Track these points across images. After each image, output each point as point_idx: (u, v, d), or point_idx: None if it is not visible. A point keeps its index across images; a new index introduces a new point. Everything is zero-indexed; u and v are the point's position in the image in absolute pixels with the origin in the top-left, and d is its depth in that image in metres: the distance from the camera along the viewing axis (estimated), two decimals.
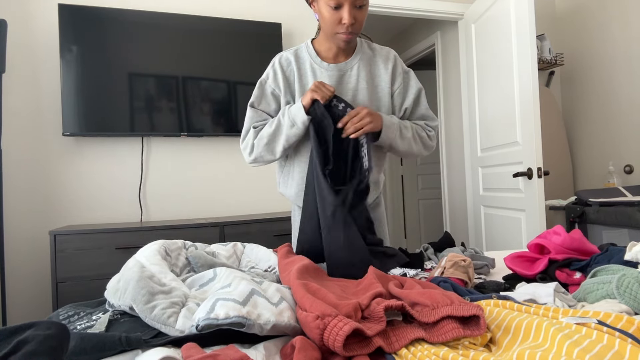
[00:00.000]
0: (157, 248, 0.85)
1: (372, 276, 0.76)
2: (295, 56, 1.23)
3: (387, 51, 1.28)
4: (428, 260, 1.23)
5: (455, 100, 3.38)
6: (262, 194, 2.61)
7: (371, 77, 1.24)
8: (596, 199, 2.18)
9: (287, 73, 1.22)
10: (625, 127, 2.72)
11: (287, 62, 1.23)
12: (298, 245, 1.13)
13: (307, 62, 1.22)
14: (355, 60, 1.23)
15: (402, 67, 1.28)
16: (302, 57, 1.23)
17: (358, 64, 1.23)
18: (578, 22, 3.04)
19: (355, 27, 1.11)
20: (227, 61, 2.44)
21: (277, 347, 0.60)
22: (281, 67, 1.22)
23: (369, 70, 1.25)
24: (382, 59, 1.26)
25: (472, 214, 3.09)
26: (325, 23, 1.12)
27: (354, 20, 1.09)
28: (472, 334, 0.56)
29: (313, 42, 1.25)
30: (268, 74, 1.25)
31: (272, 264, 0.98)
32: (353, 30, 1.11)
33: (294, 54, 1.24)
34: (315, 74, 1.22)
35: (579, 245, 0.93)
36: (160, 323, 0.62)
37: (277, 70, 1.22)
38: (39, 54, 2.20)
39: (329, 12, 1.09)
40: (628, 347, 0.46)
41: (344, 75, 1.22)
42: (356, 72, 1.23)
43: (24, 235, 2.15)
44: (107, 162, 2.31)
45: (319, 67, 1.22)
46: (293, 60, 1.22)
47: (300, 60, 1.23)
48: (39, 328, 0.46)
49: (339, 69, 1.22)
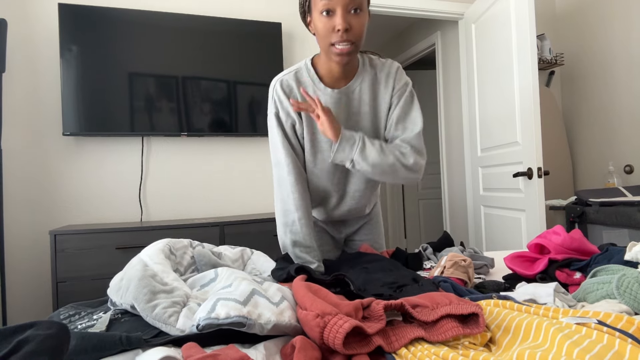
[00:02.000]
0: (162, 247, 0.85)
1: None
2: (296, 81, 1.14)
3: (389, 66, 1.18)
4: (427, 260, 1.23)
5: (455, 100, 3.38)
6: (262, 194, 2.61)
7: (374, 99, 1.17)
8: (596, 199, 2.18)
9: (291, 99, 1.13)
10: (625, 127, 2.72)
11: (288, 88, 1.13)
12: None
13: (310, 88, 1.14)
14: (357, 82, 1.15)
15: (401, 79, 1.18)
16: (304, 82, 1.14)
17: (360, 87, 1.15)
18: (578, 22, 3.04)
19: (351, 34, 1.00)
20: (227, 61, 2.44)
21: (277, 347, 0.60)
22: (284, 94, 1.13)
23: (372, 92, 1.16)
24: (384, 77, 1.17)
25: (472, 214, 3.09)
26: (320, 36, 1.03)
27: (348, 26, 0.98)
28: (471, 332, 0.56)
29: (314, 61, 1.16)
30: (276, 105, 1.14)
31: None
32: (349, 38, 1.00)
33: (295, 78, 1.14)
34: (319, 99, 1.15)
35: (579, 245, 0.93)
36: (161, 322, 0.62)
37: (282, 98, 1.13)
38: (39, 54, 2.20)
39: (322, 22, 1.00)
40: (628, 347, 0.46)
41: (347, 100, 1.15)
42: (358, 95, 1.15)
43: (24, 235, 2.15)
44: (107, 162, 2.31)
45: (322, 93, 1.13)
46: (295, 87, 1.13)
47: (302, 85, 1.14)
48: (39, 328, 0.46)
49: (341, 94, 1.14)
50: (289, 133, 1.14)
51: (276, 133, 1.14)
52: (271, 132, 1.16)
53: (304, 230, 1.12)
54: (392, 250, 1.20)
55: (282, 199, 1.14)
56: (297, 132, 1.16)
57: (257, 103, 2.50)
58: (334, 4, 0.98)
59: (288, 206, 1.12)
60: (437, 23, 3.59)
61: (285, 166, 1.13)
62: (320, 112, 1.05)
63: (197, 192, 2.47)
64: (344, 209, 1.29)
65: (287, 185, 1.12)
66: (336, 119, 1.10)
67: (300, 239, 1.11)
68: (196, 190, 2.47)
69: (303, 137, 1.16)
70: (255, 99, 2.50)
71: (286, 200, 1.13)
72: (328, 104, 1.14)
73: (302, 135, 1.16)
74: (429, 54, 3.96)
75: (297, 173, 1.13)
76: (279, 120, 1.14)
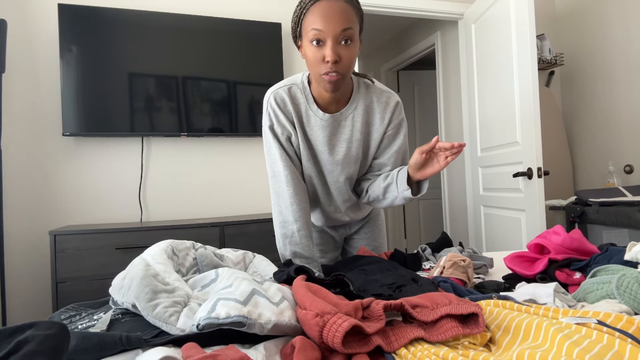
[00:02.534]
0: (164, 247, 0.86)
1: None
2: (290, 96, 1.12)
3: (387, 98, 1.16)
4: (426, 261, 1.23)
5: (455, 100, 3.38)
6: (262, 194, 2.61)
7: (366, 126, 1.16)
8: (596, 199, 2.18)
9: (285, 112, 1.12)
10: (625, 127, 2.72)
11: (282, 102, 1.12)
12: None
13: (303, 106, 1.12)
14: (350, 109, 1.13)
15: (399, 116, 1.18)
16: (298, 99, 1.12)
17: (353, 114, 1.13)
18: (578, 22, 3.04)
19: (340, 66, 0.98)
20: (227, 61, 2.44)
21: (277, 347, 0.60)
22: (278, 107, 1.11)
23: (365, 119, 1.15)
24: (381, 108, 1.15)
25: (472, 214, 3.09)
26: (310, 64, 1.01)
27: (337, 58, 0.96)
28: (471, 332, 0.56)
29: (310, 79, 1.13)
30: (270, 118, 1.13)
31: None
32: (337, 69, 0.97)
33: (288, 93, 1.12)
34: (310, 120, 1.13)
35: (579, 245, 0.93)
36: (162, 321, 0.62)
37: (277, 112, 1.12)
38: (39, 54, 2.20)
39: (312, 51, 0.98)
40: (628, 347, 0.46)
41: (338, 126, 1.14)
42: (351, 122, 1.14)
43: (24, 235, 2.15)
44: (107, 162, 2.31)
45: (314, 115, 1.12)
46: (289, 102, 1.11)
47: (295, 101, 1.12)
48: (39, 328, 0.46)
49: (334, 119, 1.12)
50: (285, 145, 1.14)
51: (273, 146, 1.13)
52: (267, 145, 1.15)
53: (303, 242, 1.12)
54: (391, 252, 1.20)
55: (281, 210, 1.13)
56: (293, 144, 1.15)
57: (257, 103, 2.50)
58: (324, 35, 0.96)
59: (287, 217, 1.12)
60: (437, 23, 3.59)
61: (283, 177, 1.12)
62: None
63: (197, 192, 2.47)
64: (340, 215, 1.31)
65: (285, 197, 1.12)
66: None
67: (300, 249, 1.11)
68: (196, 191, 2.47)
69: (299, 147, 1.15)
70: (255, 99, 2.50)
71: (284, 212, 1.12)
72: (319, 127, 1.13)
73: (298, 147, 1.15)
74: (428, 54, 3.96)
75: (295, 184, 1.13)
76: (274, 133, 1.13)
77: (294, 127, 1.13)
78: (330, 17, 0.95)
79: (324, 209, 1.29)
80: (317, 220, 1.34)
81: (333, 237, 1.40)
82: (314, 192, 1.24)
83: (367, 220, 1.41)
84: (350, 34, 0.97)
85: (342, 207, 1.27)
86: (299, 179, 1.15)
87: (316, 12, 0.96)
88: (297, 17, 1.01)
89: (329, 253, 1.39)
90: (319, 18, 0.95)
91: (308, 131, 1.14)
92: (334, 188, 1.22)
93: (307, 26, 0.98)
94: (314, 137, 1.14)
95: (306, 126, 1.14)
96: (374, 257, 1.11)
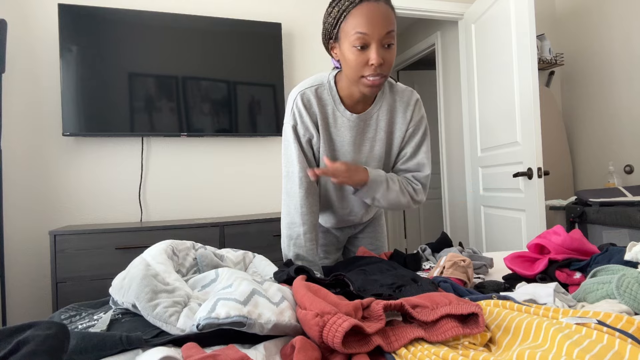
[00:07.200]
0: (164, 247, 0.86)
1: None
2: (317, 97, 1.11)
3: (409, 96, 1.18)
4: (426, 261, 1.23)
5: (455, 100, 3.38)
6: (261, 194, 2.61)
7: (389, 125, 1.18)
8: (596, 199, 2.18)
9: (310, 113, 1.12)
10: (625, 127, 2.72)
11: (309, 103, 1.11)
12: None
13: (330, 107, 1.13)
14: (375, 108, 1.15)
15: (419, 113, 1.20)
16: (324, 100, 1.12)
17: (378, 113, 1.16)
18: (578, 22, 3.04)
19: (384, 68, 0.99)
20: (227, 61, 2.44)
21: (277, 347, 0.60)
22: (305, 107, 1.11)
23: (389, 118, 1.17)
24: (403, 106, 1.17)
25: (472, 214, 3.09)
26: (350, 67, 1.01)
27: (382, 61, 0.98)
28: (471, 332, 0.56)
29: (336, 79, 1.13)
30: (295, 118, 1.12)
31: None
32: (381, 72, 0.99)
33: (315, 94, 1.11)
34: (337, 121, 1.14)
35: (579, 246, 0.93)
36: (162, 321, 0.62)
37: (302, 112, 1.11)
38: (39, 54, 2.20)
39: (354, 54, 0.98)
40: (628, 347, 0.46)
41: (364, 125, 1.15)
42: (375, 121, 1.16)
43: (24, 235, 2.15)
44: (107, 162, 2.31)
45: (342, 116, 1.13)
46: (315, 103, 1.11)
47: (322, 102, 1.12)
48: (39, 328, 0.46)
49: (360, 119, 1.14)
50: (304, 147, 1.13)
51: (292, 146, 1.12)
52: (286, 144, 1.14)
53: (307, 245, 1.12)
54: (390, 253, 1.20)
55: (289, 211, 1.13)
56: (314, 147, 1.15)
57: (257, 103, 2.50)
58: (369, 39, 0.96)
59: (294, 219, 1.12)
60: (437, 23, 3.59)
61: (297, 179, 1.12)
62: (339, 175, 1.06)
63: (197, 192, 2.47)
64: (353, 217, 1.32)
65: (296, 199, 1.12)
66: (354, 163, 1.13)
67: (304, 252, 1.12)
68: (196, 191, 2.47)
69: (319, 151, 1.15)
70: (255, 99, 2.50)
71: (293, 214, 1.12)
72: (346, 127, 1.14)
73: (318, 150, 1.15)
74: (428, 54, 3.96)
75: (307, 187, 1.12)
76: (297, 133, 1.12)
77: (317, 129, 1.13)
78: (375, 21, 0.95)
79: (336, 212, 1.28)
80: (327, 221, 1.34)
81: (337, 238, 1.40)
82: (327, 194, 1.24)
83: (371, 220, 1.41)
84: (392, 36, 0.98)
85: (359, 208, 1.27)
86: (312, 182, 1.15)
87: (360, 15, 0.96)
88: (335, 20, 1.00)
89: (331, 254, 1.39)
90: (364, 21, 0.95)
91: (334, 132, 1.14)
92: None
93: (349, 29, 0.97)
94: (340, 138, 1.15)
95: (332, 127, 1.14)
96: (374, 257, 1.11)
